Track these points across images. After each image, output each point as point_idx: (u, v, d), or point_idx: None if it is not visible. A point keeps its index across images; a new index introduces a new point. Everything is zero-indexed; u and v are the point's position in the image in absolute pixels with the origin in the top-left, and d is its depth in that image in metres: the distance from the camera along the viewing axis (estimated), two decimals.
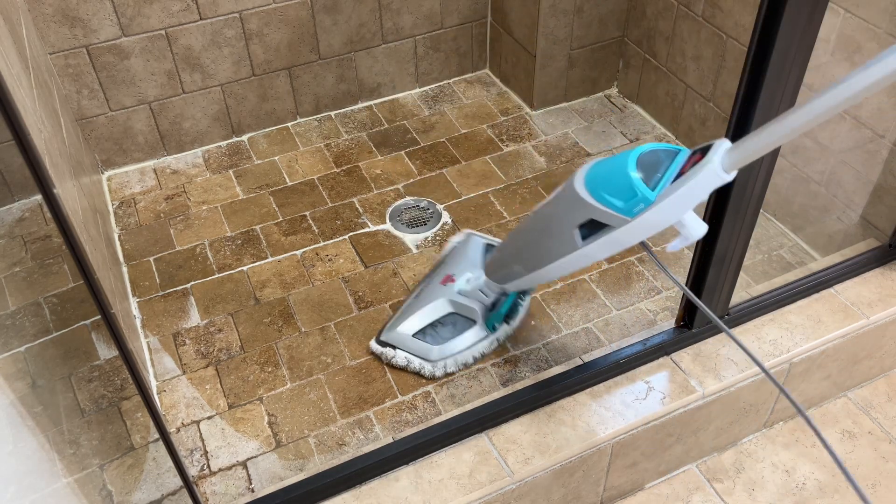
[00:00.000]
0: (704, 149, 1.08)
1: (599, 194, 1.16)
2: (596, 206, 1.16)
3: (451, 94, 2.69)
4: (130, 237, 2.17)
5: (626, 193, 1.12)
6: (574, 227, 1.22)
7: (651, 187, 1.10)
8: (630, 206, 1.12)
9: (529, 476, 1.40)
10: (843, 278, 1.73)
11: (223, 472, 1.63)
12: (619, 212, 1.13)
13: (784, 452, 1.69)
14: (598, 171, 1.19)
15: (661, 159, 1.12)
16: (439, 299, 1.80)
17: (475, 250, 1.92)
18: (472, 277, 1.80)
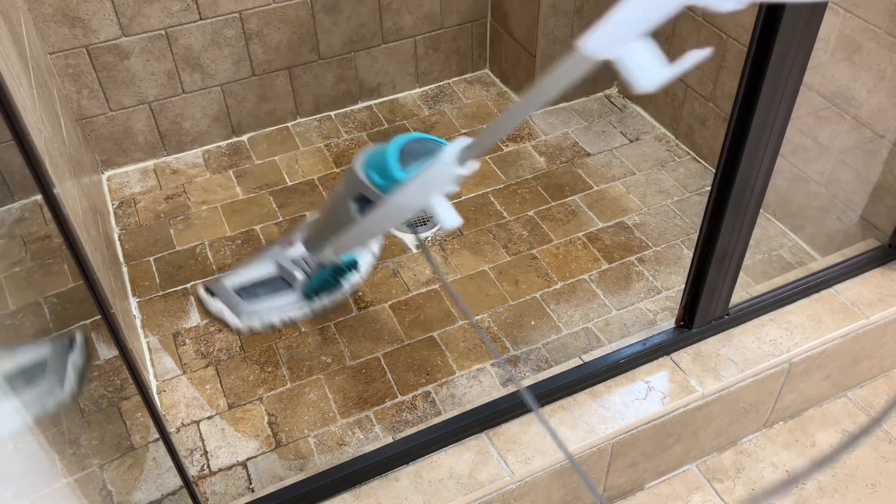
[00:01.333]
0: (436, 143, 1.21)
1: (368, 171, 1.28)
2: (362, 182, 1.28)
3: (451, 94, 2.69)
4: (130, 237, 2.17)
5: (384, 173, 1.24)
6: (350, 200, 1.33)
7: (404, 167, 1.21)
8: (387, 185, 1.23)
9: (529, 476, 1.40)
10: (843, 278, 1.73)
11: (223, 472, 1.63)
12: (377, 188, 1.24)
13: (784, 452, 1.69)
14: (374, 152, 1.31)
15: (429, 149, 1.23)
16: (268, 260, 1.79)
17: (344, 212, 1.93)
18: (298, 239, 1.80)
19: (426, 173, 1.17)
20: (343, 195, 1.36)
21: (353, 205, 1.33)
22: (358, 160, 1.31)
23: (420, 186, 1.19)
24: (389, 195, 1.23)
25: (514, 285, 1.99)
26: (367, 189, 1.28)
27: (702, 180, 2.31)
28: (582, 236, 2.13)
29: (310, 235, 1.65)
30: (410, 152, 1.25)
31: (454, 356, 1.83)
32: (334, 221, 1.44)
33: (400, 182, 1.20)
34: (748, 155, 1.28)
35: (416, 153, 1.25)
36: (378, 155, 1.26)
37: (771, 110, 1.24)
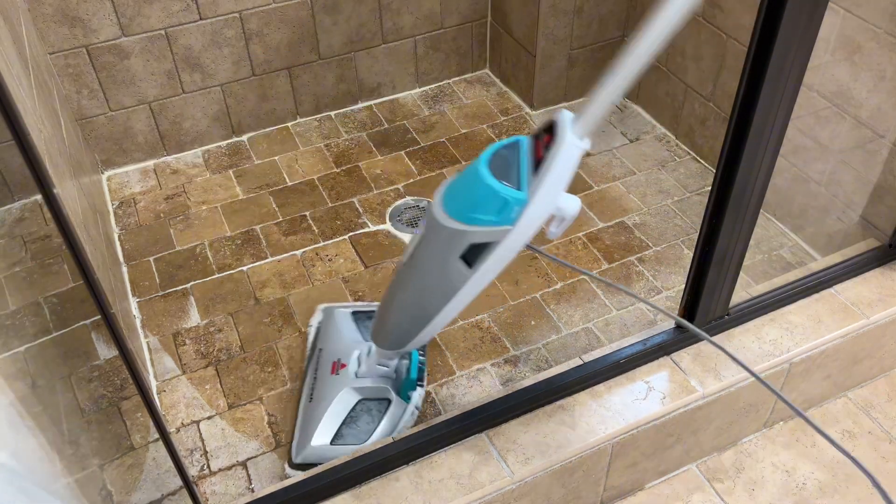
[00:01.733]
0: (548, 128, 1.04)
1: (469, 217, 1.09)
2: (472, 230, 1.09)
3: (451, 94, 2.69)
4: (130, 237, 2.17)
5: (496, 205, 1.06)
6: (456, 260, 1.14)
7: (516, 187, 1.04)
8: (506, 215, 1.06)
9: (529, 476, 1.40)
10: (843, 278, 1.73)
11: (223, 472, 1.63)
12: (497, 225, 1.07)
13: (784, 452, 1.69)
14: (456, 195, 1.12)
15: (508, 155, 1.07)
16: (341, 392, 1.60)
17: (345, 323, 1.77)
18: (363, 354, 1.64)
19: (556, 167, 1.01)
20: (440, 264, 1.17)
21: (460, 263, 1.14)
22: (442, 218, 1.11)
23: (554, 186, 1.03)
24: (520, 220, 1.06)
25: (514, 285, 1.99)
26: (482, 235, 1.09)
27: (702, 180, 2.31)
28: (582, 236, 2.13)
29: (387, 332, 1.44)
30: (499, 164, 1.07)
31: (454, 356, 1.83)
32: (434, 298, 1.24)
33: (527, 200, 1.04)
34: (748, 155, 1.28)
35: (503, 162, 1.07)
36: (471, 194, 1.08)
37: (771, 110, 1.23)
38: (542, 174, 1.01)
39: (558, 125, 1.01)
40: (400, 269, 1.32)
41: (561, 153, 0.99)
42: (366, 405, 1.62)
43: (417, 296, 1.29)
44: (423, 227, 1.20)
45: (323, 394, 1.63)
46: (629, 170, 2.35)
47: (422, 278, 1.25)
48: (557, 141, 1.00)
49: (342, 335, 1.74)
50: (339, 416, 1.59)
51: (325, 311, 1.85)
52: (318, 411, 1.60)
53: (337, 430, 1.58)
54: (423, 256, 1.20)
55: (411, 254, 1.26)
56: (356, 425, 1.60)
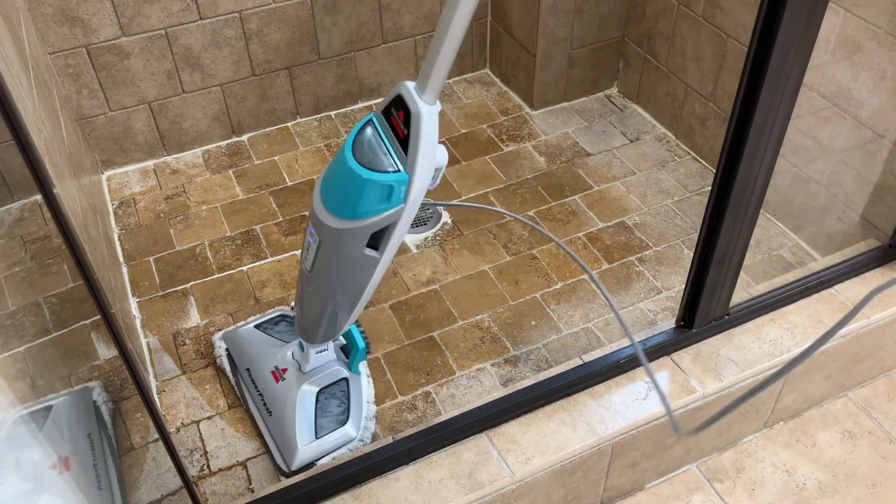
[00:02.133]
0: (396, 102, 1.07)
1: (361, 213, 1.12)
2: (369, 223, 1.13)
3: (451, 94, 2.69)
4: (130, 237, 2.17)
5: (383, 194, 1.09)
6: (364, 250, 1.19)
7: (393, 169, 1.08)
8: (397, 197, 1.10)
9: (529, 476, 1.40)
10: (843, 278, 1.72)
11: (223, 472, 1.63)
12: (390, 209, 1.11)
13: (784, 452, 1.69)
14: (337, 196, 1.15)
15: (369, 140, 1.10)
16: (299, 392, 1.62)
17: (255, 336, 1.77)
18: (296, 352, 1.66)
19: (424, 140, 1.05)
20: (348, 258, 1.21)
21: (370, 251, 1.19)
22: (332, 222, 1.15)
23: (427, 155, 1.07)
24: (410, 198, 1.10)
25: (514, 285, 1.99)
26: (380, 223, 1.14)
27: (702, 180, 2.31)
28: (582, 236, 2.13)
29: (317, 329, 1.47)
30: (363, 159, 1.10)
31: (454, 356, 1.83)
32: (353, 287, 1.28)
33: (408, 178, 1.08)
34: (748, 155, 1.28)
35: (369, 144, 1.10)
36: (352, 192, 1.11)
37: (771, 110, 1.23)
38: (414, 149, 1.05)
39: (406, 99, 1.05)
40: (308, 276, 1.32)
41: (422, 126, 1.04)
42: (327, 392, 1.64)
43: (336, 293, 1.32)
44: (315, 233, 1.22)
45: (282, 402, 1.62)
46: (629, 170, 2.35)
47: (336, 278, 1.27)
48: (414, 115, 1.04)
49: (262, 347, 1.73)
50: (310, 413, 1.60)
51: (226, 337, 1.82)
52: (287, 418, 1.59)
53: (315, 425, 1.59)
54: (329, 259, 1.23)
55: (314, 261, 1.27)
56: (329, 413, 1.62)
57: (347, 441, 1.59)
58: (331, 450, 1.57)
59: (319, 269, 1.27)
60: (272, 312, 1.86)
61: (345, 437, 1.59)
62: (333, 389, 1.65)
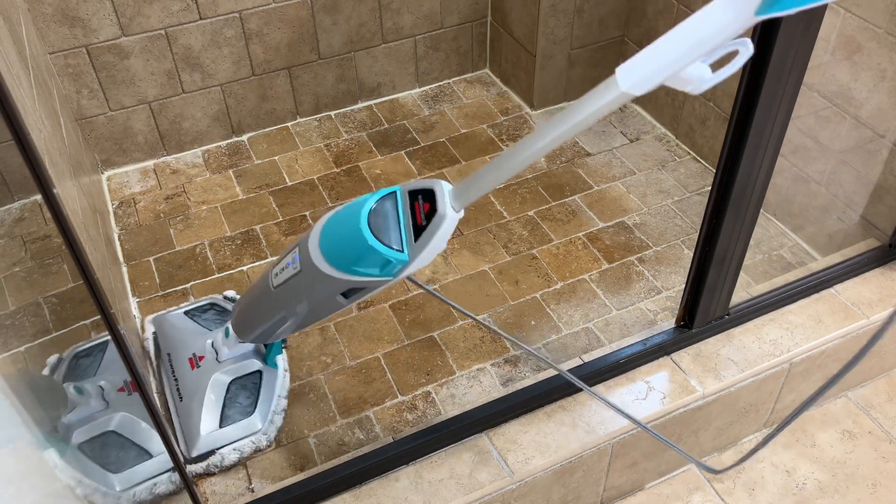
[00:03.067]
0: (427, 194, 1.10)
1: (352, 269, 1.17)
2: (353, 279, 1.18)
3: (451, 94, 2.69)
4: (130, 237, 2.17)
5: (379, 263, 1.14)
6: (336, 295, 1.24)
7: (395, 246, 1.12)
8: (388, 271, 1.14)
9: (529, 476, 1.40)
10: (843, 278, 1.73)
11: (223, 472, 1.63)
12: (379, 277, 1.16)
13: (784, 452, 1.69)
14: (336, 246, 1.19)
15: (386, 211, 1.14)
16: (211, 380, 1.63)
17: (183, 323, 1.81)
18: (216, 340, 1.68)
19: (435, 238, 1.09)
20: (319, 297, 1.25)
21: (341, 297, 1.24)
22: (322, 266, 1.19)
23: (431, 251, 1.11)
24: (398, 274, 1.14)
25: (514, 285, 1.99)
26: (363, 283, 1.18)
27: (702, 180, 2.31)
28: (582, 236, 2.13)
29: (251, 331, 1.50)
30: (380, 221, 1.14)
31: (454, 356, 1.83)
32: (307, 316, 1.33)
33: (409, 260, 1.12)
34: (748, 155, 1.28)
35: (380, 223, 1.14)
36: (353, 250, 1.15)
37: (771, 110, 1.24)
38: (424, 242, 1.10)
39: (438, 196, 1.09)
40: (271, 290, 1.35)
41: (442, 227, 1.08)
42: (239, 383, 1.67)
43: (290, 314, 1.35)
44: (299, 262, 1.26)
45: (192, 389, 1.65)
46: (629, 170, 2.35)
47: (297, 304, 1.31)
48: (439, 214, 1.08)
49: (186, 333, 1.77)
50: (218, 402, 1.62)
51: (155, 321, 1.85)
52: (195, 405, 1.62)
53: (221, 414, 1.61)
54: (300, 289, 1.28)
55: (284, 283, 1.31)
56: (238, 403, 1.64)
57: (251, 432, 1.61)
58: (233, 439, 1.59)
59: (286, 291, 1.31)
60: (203, 300, 1.91)
61: (249, 427, 1.61)
62: (245, 381, 1.67)
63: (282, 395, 1.69)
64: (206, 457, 1.57)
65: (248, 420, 1.62)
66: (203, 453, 1.57)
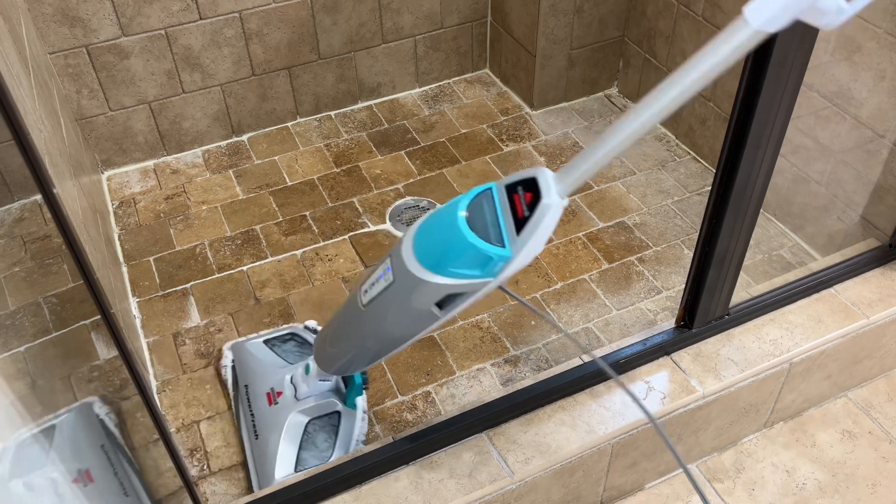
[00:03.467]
0: (528, 184, 1.04)
1: (450, 271, 1.09)
2: (452, 283, 1.09)
3: (451, 94, 2.69)
4: (130, 237, 2.17)
5: (480, 261, 1.06)
6: (431, 306, 1.14)
7: (496, 242, 1.05)
8: (489, 270, 1.06)
9: (529, 476, 1.40)
10: (843, 278, 1.72)
11: (223, 472, 1.63)
12: (479, 278, 1.08)
13: (784, 452, 1.69)
14: (432, 247, 1.11)
15: (483, 206, 1.07)
16: (288, 419, 1.57)
17: (262, 353, 1.74)
18: (296, 376, 1.60)
19: (542, 228, 1.01)
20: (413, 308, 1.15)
21: (436, 308, 1.14)
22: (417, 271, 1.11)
23: (537, 243, 1.03)
24: (502, 273, 1.06)
25: (513, 285, 1.99)
26: (462, 287, 1.09)
27: (702, 180, 2.31)
28: (582, 236, 2.13)
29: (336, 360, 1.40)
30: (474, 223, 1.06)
31: (454, 356, 1.83)
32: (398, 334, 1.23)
33: (511, 256, 1.04)
34: (748, 155, 1.28)
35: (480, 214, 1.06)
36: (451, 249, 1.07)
37: (771, 110, 1.23)
38: (528, 233, 1.02)
39: (541, 184, 1.02)
40: (359, 310, 1.27)
41: (548, 216, 1.01)
42: (317, 424, 1.59)
43: (379, 335, 1.27)
44: (391, 272, 1.18)
45: (269, 427, 1.57)
46: (629, 170, 2.35)
47: (389, 322, 1.23)
48: (544, 202, 1.00)
49: (265, 365, 1.69)
50: (295, 443, 1.55)
51: (234, 349, 1.79)
52: (271, 445, 1.55)
53: (297, 457, 1.54)
54: (392, 303, 1.19)
55: (375, 298, 1.22)
56: (314, 446, 1.57)
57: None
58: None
59: (377, 308, 1.22)
60: (283, 329, 1.82)
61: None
62: (324, 422, 1.60)
63: (360, 439, 1.61)
64: None
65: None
66: None
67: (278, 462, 1.52)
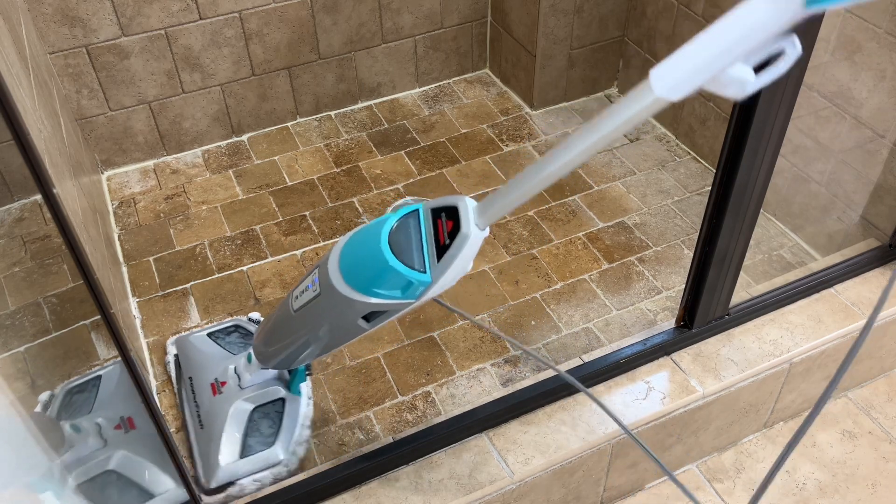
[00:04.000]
0: (450, 212, 1.06)
1: (372, 291, 1.12)
2: (374, 302, 1.12)
3: (451, 94, 2.69)
4: (130, 237, 2.17)
5: (400, 284, 1.08)
6: (357, 319, 1.18)
7: (417, 266, 1.07)
8: (410, 293, 1.09)
9: (529, 476, 1.40)
10: (843, 278, 1.73)
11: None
12: (401, 299, 1.11)
13: None
14: (356, 267, 1.14)
15: (408, 230, 1.09)
16: (232, 407, 1.58)
17: (205, 346, 1.75)
18: (239, 366, 1.62)
19: (459, 258, 1.04)
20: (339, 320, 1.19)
21: (363, 321, 1.18)
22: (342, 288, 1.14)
23: (455, 271, 1.06)
24: (423, 296, 1.09)
25: (514, 285, 1.99)
26: (384, 306, 1.12)
27: (702, 180, 2.31)
28: (582, 236, 2.13)
29: (273, 358, 1.43)
30: (401, 242, 1.09)
31: (454, 356, 1.83)
32: (328, 341, 1.27)
33: (431, 281, 1.06)
34: (748, 155, 1.28)
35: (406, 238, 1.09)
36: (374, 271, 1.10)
37: (771, 110, 1.24)
38: (447, 261, 1.05)
39: (461, 214, 1.05)
40: (291, 314, 1.30)
41: (466, 246, 1.04)
42: (261, 411, 1.60)
43: (311, 340, 1.30)
44: (318, 285, 1.22)
45: (213, 416, 1.58)
46: (629, 170, 2.35)
47: (318, 329, 1.26)
48: (462, 233, 1.03)
49: (208, 357, 1.70)
50: (239, 430, 1.56)
51: (178, 343, 1.80)
52: (215, 433, 1.56)
53: (242, 444, 1.55)
54: (320, 314, 1.23)
55: (304, 306, 1.26)
56: (259, 433, 1.57)
57: (273, 464, 1.53)
58: (253, 471, 1.52)
59: (305, 316, 1.26)
60: (226, 322, 1.85)
61: (270, 459, 1.54)
62: (268, 409, 1.61)
63: (305, 423, 1.63)
64: (225, 488, 1.51)
65: (269, 451, 1.54)
66: (221, 484, 1.51)
67: (222, 448, 1.53)
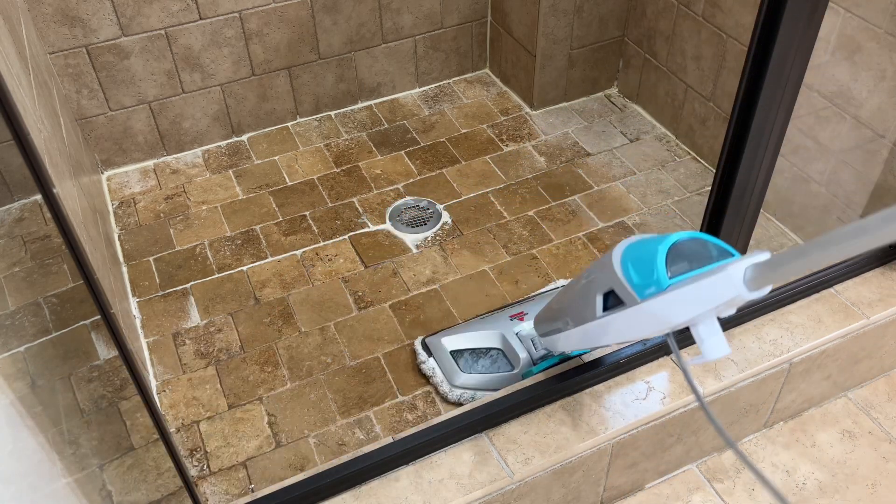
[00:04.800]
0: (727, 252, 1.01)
1: (626, 265, 1.06)
2: (617, 276, 1.06)
3: (451, 94, 2.69)
4: (130, 237, 2.17)
5: (646, 272, 1.02)
6: (599, 293, 1.13)
7: (671, 273, 0.99)
8: (644, 286, 1.02)
9: (529, 476, 1.40)
10: (843, 278, 1.72)
11: (223, 472, 1.63)
12: (632, 288, 1.04)
13: (784, 452, 1.69)
14: (638, 244, 1.09)
15: (708, 254, 1.01)
16: (494, 330, 1.75)
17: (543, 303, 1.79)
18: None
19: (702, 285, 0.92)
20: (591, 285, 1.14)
21: (600, 299, 1.12)
22: (618, 249, 1.10)
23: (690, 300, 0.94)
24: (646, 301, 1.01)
25: (514, 285, 1.99)
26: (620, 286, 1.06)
27: (702, 180, 2.31)
28: (582, 236, 2.13)
29: (544, 317, 1.43)
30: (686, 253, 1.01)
31: None
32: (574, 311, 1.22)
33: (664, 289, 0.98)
34: (748, 155, 1.28)
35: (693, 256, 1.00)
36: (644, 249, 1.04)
37: (771, 110, 1.23)
38: (688, 282, 0.95)
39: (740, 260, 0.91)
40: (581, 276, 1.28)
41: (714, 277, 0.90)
42: (498, 354, 1.74)
43: (568, 305, 1.28)
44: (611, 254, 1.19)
45: (489, 321, 1.79)
46: (629, 170, 2.35)
47: (577, 291, 1.23)
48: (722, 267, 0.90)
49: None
50: (475, 342, 1.74)
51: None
52: (471, 327, 1.77)
53: (463, 349, 1.75)
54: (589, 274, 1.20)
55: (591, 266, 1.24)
56: (476, 359, 1.74)
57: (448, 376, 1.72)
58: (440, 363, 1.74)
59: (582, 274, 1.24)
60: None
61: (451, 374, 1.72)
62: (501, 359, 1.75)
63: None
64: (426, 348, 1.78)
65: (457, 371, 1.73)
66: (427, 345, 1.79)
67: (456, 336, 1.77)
